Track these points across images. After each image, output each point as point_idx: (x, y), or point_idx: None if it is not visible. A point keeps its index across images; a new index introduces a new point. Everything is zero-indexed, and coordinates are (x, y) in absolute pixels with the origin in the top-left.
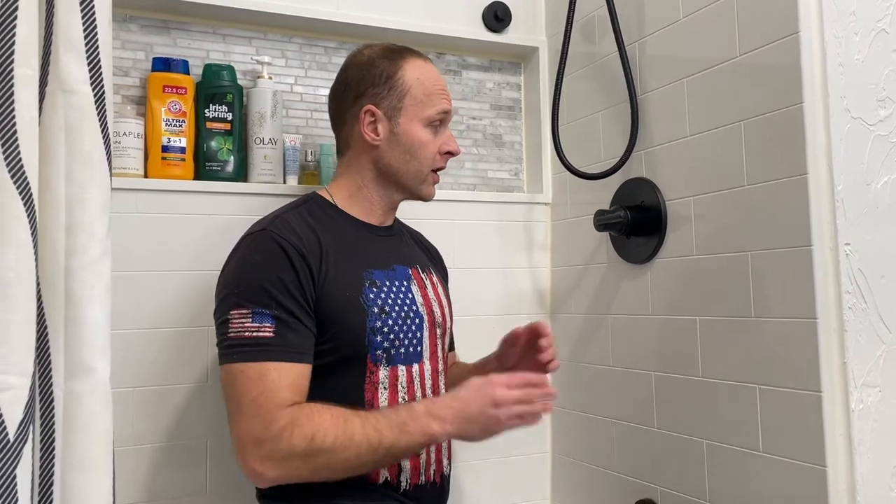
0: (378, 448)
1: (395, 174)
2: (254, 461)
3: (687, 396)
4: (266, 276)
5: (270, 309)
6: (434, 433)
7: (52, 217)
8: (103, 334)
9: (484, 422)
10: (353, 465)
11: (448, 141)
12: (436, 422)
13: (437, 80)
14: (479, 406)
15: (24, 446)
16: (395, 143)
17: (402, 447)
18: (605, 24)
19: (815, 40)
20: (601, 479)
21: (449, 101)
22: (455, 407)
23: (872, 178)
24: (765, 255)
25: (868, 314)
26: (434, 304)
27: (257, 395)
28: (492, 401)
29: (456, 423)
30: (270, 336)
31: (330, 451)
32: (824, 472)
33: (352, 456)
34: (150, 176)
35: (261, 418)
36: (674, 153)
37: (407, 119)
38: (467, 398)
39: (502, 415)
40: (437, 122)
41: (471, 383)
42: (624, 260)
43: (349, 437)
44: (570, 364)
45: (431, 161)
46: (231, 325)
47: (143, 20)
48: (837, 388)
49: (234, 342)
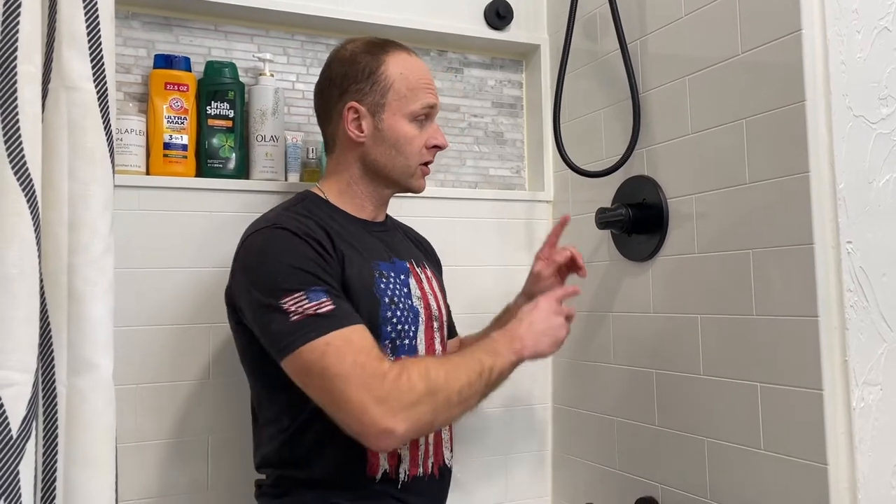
0: (483, 372)
1: (383, 170)
2: (384, 419)
3: (688, 394)
4: (298, 260)
5: (319, 285)
6: (520, 349)
7: (55, 214)
8: (106, 331)
9: (553, 332)
10: (467, 395)
11: (434, 134)
12: (518, 340)
13: (421, 74)
14: (544, 319)
15: (27, 443)
16: (379, 139)
17: (499, 369)
18: (607, 21)
19: (817, 38)
20: (602, 476)
21: (434, 95)
22: (525, 326)
23: (874, 177)
24: (766, 253)
25: (869, 312)
26: (430, 297)
27: (355, 357)
28: (553, 310)
29: (532, 337)
30: (333, 307)
31: (445, 385)
32: (825, 470)
33: (465, 385)
34: (151, 173)
35: (372, 377)
36: (675, 151)
37: (391, 115)
38: (531, 318)
39: (563, 323)
40: (423, 116)
41: (524, 309)
42: (625, 258)
43: (456, 367)
44: (572, 362)
45: (418, 155)
46: (289, 310)
47: (145, 17)
48: (839, 386)
49: (301, 324)
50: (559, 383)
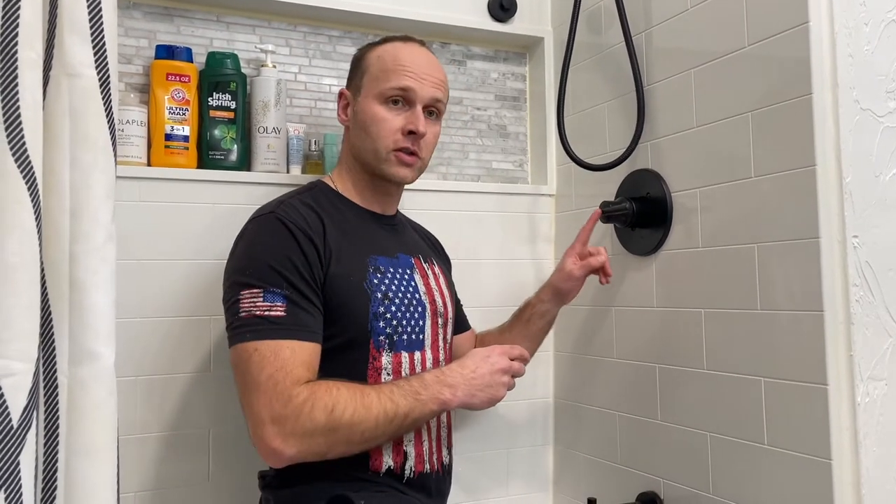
0: (394, 418)
1: (358, 154)
2: (274, 439)
3: (691, 389)
4: (275, 257)
5: (281, 288)
6: (446, 400)
7: (57, 202)
8: (108, 320)
9: (491, 391)
10: (371, 437)
11: (412, 119)
12: (447, 389)
13: (401, 58)
14: (488, 374)
15: (28, 433)
16: (356, 122)
17: (416, 416)
18: (612, 14)
19: (824, 31)
20: (604, 471)
21: (414, 80)
22: (465, 374)
23: (881, 170)
24: (772, 248)
25: (875, 307)
26: (436, 293)
27: (273, 372)
28: (500, 368)
29: (466, 389)
30: (282, 315)
31: (349, 424)
32: (829, 465)
33: (369, 427)
34: (153, 164)
35: (279, 395)
36: (680, 144)
37: (364, 97)
38: (475, 366)
39: (507, 381)
40: (396, 98)
41: (476, 353)
42: (629, 252)
43: (366, 409)
44: (574, 356)
45: (388, 139)
46: (242, 304)
47: (146, 7)
48: (843, 382)
49: (245, 321)
50: (561, 377)
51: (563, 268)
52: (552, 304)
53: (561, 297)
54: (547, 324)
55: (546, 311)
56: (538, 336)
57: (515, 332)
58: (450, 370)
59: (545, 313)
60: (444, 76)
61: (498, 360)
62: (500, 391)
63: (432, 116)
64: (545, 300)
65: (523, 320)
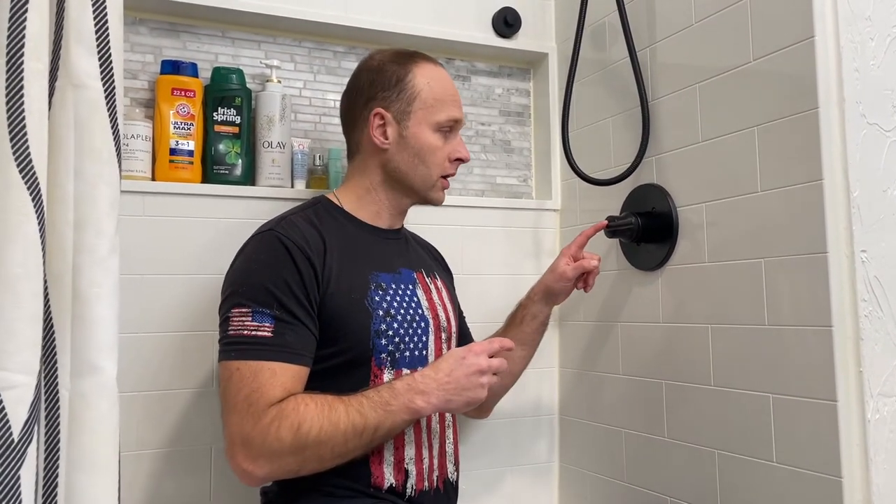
0: (364, 432)
1: (404, 178)
2: (243, 460)
3: (698, 405)
4: (269, 276)
5: (271, 309)
6: (418, 408)
7: (61, 213)
8: (111, 333)
9: (469, 393)
10: (342, 452)
11: (458, 147)
12: (419, 396)
13: (447, 86)
14: (463, 375)
15: (29, 447)
16: (403, 146)
17: (387, 427)
18: (616, 29)
19: (830, 45)
20: (610, 489)
21: (460, 110)
22: (439, 379)
23: (889, 184)
24: (779, 262)
25: (884, 322)
26: (439, 308)
27: (249, 393)
28: (477, 369)
29: (440, 394)
30: (268, 336)
31: (316, 442)
32: (839, 482)
33: (338, 443)
34: (157, 179)
35: (250, 416)
36: (685, 159)
37: (416, 123)
38: (450, 369)
39: (485, 381)
40: (447, 128)
41: (452, 354)
42: (634, 267)
43: (334, 425)
44: (579, 372)
45: (440, 166)
46: (231, 322)
47: (152, 23)
48: (853, 398)
49: (232, 340)
50: (566, 393)
51: (555, 268)
52: (543, 303)
53: (552, 298)
54: (540, 325)
55: (538, 312)
56: (533, 339)
57: (510, 335)
58: (422, 376)
59: (537, 314)
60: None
61: (475, 360)
62: (479, 392)
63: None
64: (536, 300)
65: (516, 323)
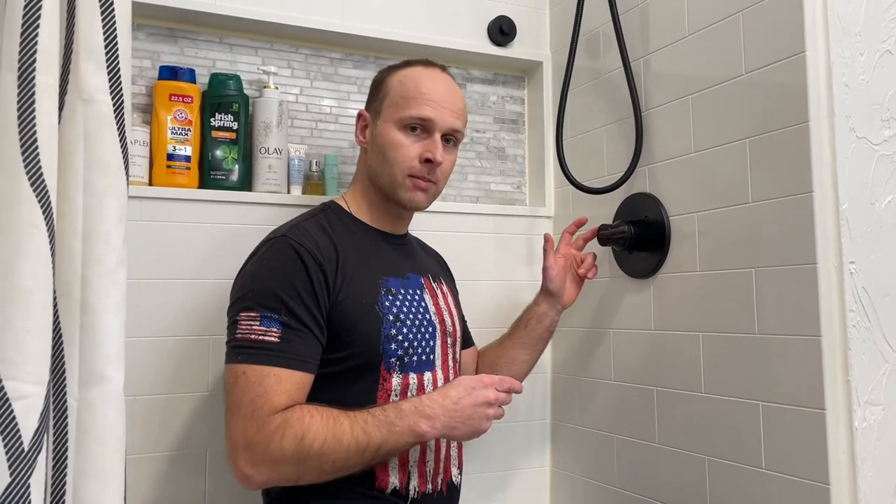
0: (366, 449)
1: (375, 177)
2: (244, 464)
3: (689, 412)
4: (279, 282)
5: (279, 314)
6: (423, 432)
7: (70, 225)
8: (118, 343)
9: (473, 424)
10: (341, 467)
11: (430, 147)
12: (424, 420)
13: (422, 85)
14: (470, 405)
15: (39, 455)
16: (374, 145)
17: (389, 447)
18: (610, 39)
19: (820, 60)
20: (601, 494)
21: (434, 109)
22: (446, 405)
23: (877, 197)
24: (769, 272)
25: (872, 332)
26: (445, 313)
27: (254, 397)
28: (485, 400)
29: (445, 420)
30: (275, 341)
31: (318, 454)
32: (827, 489)
33: (340, 458)
34: (154, 184)
35: (255, 421)
36: (678, 169)
37: (383, 121)
38: (458, 396)
39: (492, 413)
40: (416, 126)
41: (461, 382)
42: (626, 274)
43: (337, 440)
44: (571, 378)
45: (404, 165)
46: (239, 326)
47: (150, 28)
48: (841, 406)
49: (239, 343)
50: (558, 399)
51: (544, 267)
52: (547, 305)
53: (554, 299)
54: (545, 329)
55: (543, 314)
56: (537, 343)
57: (515, 338)
58: (430, 399)
59: (542, 316)
60: (463, 104)
61: (483, 392)
62: (483, 424)
63: (449, 144)
64: (539, 302)
65: (522, 325)
